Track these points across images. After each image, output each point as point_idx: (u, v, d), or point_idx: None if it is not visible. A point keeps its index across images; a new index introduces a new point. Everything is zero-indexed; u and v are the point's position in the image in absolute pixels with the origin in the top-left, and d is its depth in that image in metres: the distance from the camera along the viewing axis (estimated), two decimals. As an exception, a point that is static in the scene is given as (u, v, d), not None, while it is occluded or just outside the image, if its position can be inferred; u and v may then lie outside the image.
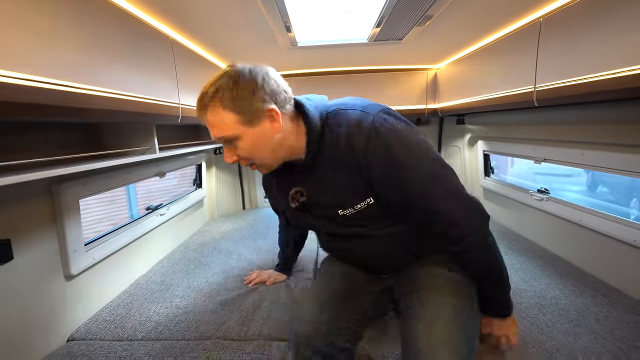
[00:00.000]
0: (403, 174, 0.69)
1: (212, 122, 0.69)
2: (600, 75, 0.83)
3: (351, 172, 0.73)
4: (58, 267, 1.01)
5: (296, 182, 0.83)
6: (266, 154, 0.73)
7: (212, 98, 0.67)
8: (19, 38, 0.56)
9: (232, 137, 0.69)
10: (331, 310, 0.83)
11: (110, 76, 0.78)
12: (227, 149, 0.73)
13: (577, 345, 0.88)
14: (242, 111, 0.67)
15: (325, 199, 0.79)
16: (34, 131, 0.90)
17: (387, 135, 0.68)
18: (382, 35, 1.30)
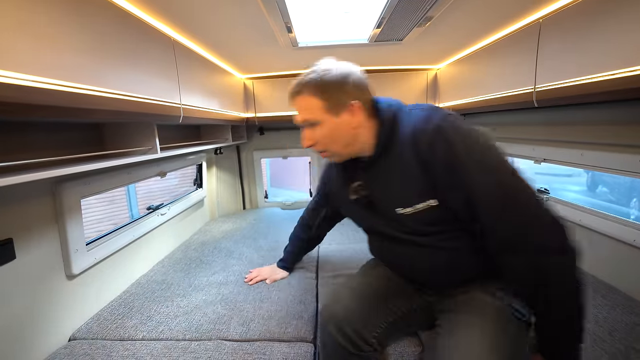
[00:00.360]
0: (466, 177, 0.65)
1: (300, 106, 0.78)
2: (600, 76, 0.84)
3: (416, 171, 0.73)
4: (60, 266, 1.01)
5: (359, 176, 0.86)
6: (340, 145, 0.79)
7: (304, 85, 0.76)
8: (22, 40, 0.56)
9: (314, 122, 0.77)
10: (365, 304, 0.84)
11: (113, 77, 0.79)
12: (306, 133, 0.80)
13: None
14: (328, 100, 0.75)
15: (386, 194, 0.80)
16: (36, 131, 0.91)
17: (450, 133, 0.67)
18: (383, 36, 1.31)
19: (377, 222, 0.86)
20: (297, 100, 0.79)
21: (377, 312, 0.84)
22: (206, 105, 1.40)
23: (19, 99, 0.55)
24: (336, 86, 0.75)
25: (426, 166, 0.70)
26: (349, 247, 1.67)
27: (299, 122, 0.80)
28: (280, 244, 1.75)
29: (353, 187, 0.86)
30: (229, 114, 1.71)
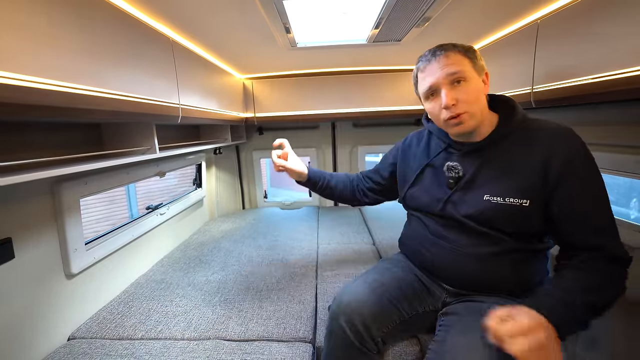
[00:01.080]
0: (576, 186, 0.72)
1: (451, 60, 0.78)
2: (598, 76, 0.84)
3: (531, 167, 0.74)
4: (59, 266, 1.01)
5: (452, 159, 0.87)
6: (481, 105, 0.79)
7: (455, 48, 0.79)
8: (21, 41, 0.56)
9: (464, 75, 0.77)
10: (378, 301, 0.84)
11: (111, 77, 0.79)
12: (449, 91, 0.77)
13: (574, 348, 0.88)
14: (475, 62, 0.79)
15: (483, 181, 0.81)
16: (35, 131, 0.91)
17: (582, 147, 0.72)
18: (381, 37, 1.31)
19: (446, 204, 0.86)
20: (447, 55, 0.78)
21: (389, 312, 0.84)
22: (205, 105, 1.41)
23: (18, 99, 0.56)
24: (477, 54, 0.80)
25: (546, 167, 0.73)
26: (348, 247, 1.67)
27: (445, 76, 0.77)
28: (279, 243, 1.76)
29: (449, 166, 0.87)
30: (228, 114, 1.71)
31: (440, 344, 0.69)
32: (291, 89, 2.06)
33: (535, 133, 0.76)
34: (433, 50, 0.81)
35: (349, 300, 0.84)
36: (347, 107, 2.08)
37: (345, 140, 2.55)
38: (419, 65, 0.84)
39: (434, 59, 0.79)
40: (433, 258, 0.89)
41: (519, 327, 0.56)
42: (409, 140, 1.06)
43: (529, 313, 0.59)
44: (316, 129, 2.53)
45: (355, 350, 0.79)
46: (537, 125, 0.77)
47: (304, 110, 2.07)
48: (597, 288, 0.68)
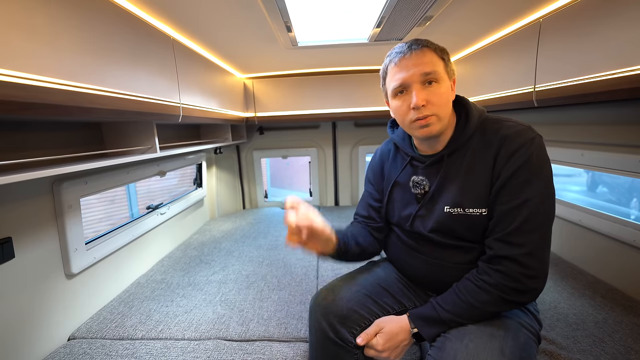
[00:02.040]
0: (524, 194, 0.68)
1: (428, 58, 0.74)
2: (600, 75, 0.84)
3: (482, 175, 0.73)
4: (59, 265, 1.01)
5: (418, 172, 0.85)
6: (447, 111, 0.76)
7: (431, 45, 0.76)
8: (23, 39, 0.56)
9: (437, 76, 0.74)
10: (354, 296, 0.84)
11: (113, 76, 0.79)
12: (420, 90, 0.74)
13: (576, 348, 0.88)
14: (447, 64, 0.77)
15: (446, 193, 0.79)
16: (36, 130, 0.91)
17: (539, 153, 0.69)
18: (383, 35, 1.30)
19: (414, 220, 0.85)
20: (422, 52, 0.74)
21: (367, 305, 0.83)
22: (206, 104, 1.40)
23: (18, 97, 0.55)
24: (449, 56, 0.78)
25: (492, 170, 0.71)
26: (348, 247, 1.67)
27: (420, 73, 0.74)
28: (280, 242, 1.76)
29: (415, 181, 0.85)
30: (228, 114, 1.71)
31: (439, 350, 0.69)
32: (292, 88, 2.05)
33: (490, 137, 0.74)
34: (409, 43, 0.76)
35: (325, 296, 0.85)
36: (348, 107, 2.07)
37: (346, 140, 2.54)
38: (392, 58, 0.78)
39: (409, 53, 0.74)
40: (413, 270, 0.90)
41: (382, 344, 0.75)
42: (379, 155, 1.01)
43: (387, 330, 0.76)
44: (317, 128, 2.53)
45: (333, 343, 0.79)
46: (493, 127, 0.75)
47: (304, 109, 2.07)
48: (483, 306, 0.70)
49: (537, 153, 0.69)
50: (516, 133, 0.71)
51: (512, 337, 0.67)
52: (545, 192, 0.68)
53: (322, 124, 2.52)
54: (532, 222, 0.67)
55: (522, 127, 0.72)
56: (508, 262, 0.68)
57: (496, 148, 0.71)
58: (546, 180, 0.69)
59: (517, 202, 0.68)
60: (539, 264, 0.68)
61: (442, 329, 0.72)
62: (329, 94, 2.06)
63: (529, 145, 0.69)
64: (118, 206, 4.02)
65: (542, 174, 0.69)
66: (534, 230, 0.67)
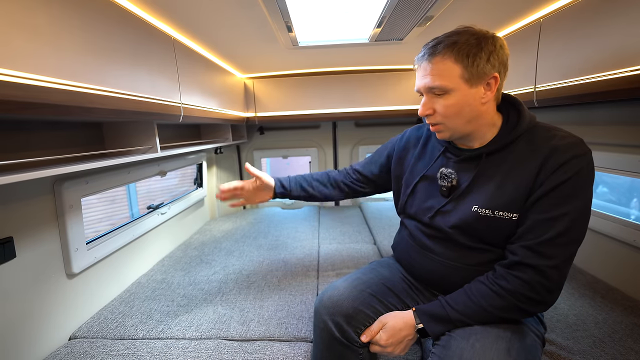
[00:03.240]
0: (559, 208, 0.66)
1: (434, 70, 0.69)
2: (601, 75, 0.84)
3: (524, 180, 0.69)
4: (60, 265, 1.01)
5: (448, 165, 0.82)
6: (463, 119, 0.73)
7: (448, 47, 0.67)
8: (23, 39, 0.56)
9: (445, 90, 0.69)
10: (359, 295, 0.84)
11: (114, 76, 0.79)
12: (428, 100, 0.73)
13: (576, 349, 0.88)
14: (471, 69, 0.68)
15: (477, 192, 0.76)
16: (37, 130, 0.91)
17: (588, 170, 0.66)
18: (383, 36, 1.31)
19: (436, 214, 0.83)
20: (432, 62, 0.70)
21: (371, 305, 0.83)
22: (206, 104, 1.40)
23: (19, 97, 0.55)
24: (484, 56, 0.68)
25: (535, 180, 0.68)
26: (349, 247, 1.67)
27: (424, 87, 0.72)
28: (280, 242, 1.76)
29: (443, 173, 0.82)
30: (229, 114, 1.71)
31: (443, 349, 0.69)
32: (292, 88, 2.05)
33: (539, 144, 0.70)
34: (427, 50, 0.71)
35: (330, 295, 0.85)
36: (349, 107, 2.07)
37: (347, 140, 2.54)
38: (415, 61, 0.77)
39: (421, 61, 0.73)
40: (421, 269, 0.89)
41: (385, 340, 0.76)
42: (406, 139, 0.99)
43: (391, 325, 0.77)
44: (317, 128, 2.53)
45: (338, 343, 0.79)
46: (544, 136, 0.71)
47: (305, 109, 2.07)
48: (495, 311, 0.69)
49: (586, 169, 0.66)
50: (568, 145, 0.67)
51: (518, 339, 0.67)
52: (584, 210, 0.66)
53: (323, 124, 2.52)
54: (566, 236, 0.65)
55: (574, 139, 0.68)
56: (532, 271, 0.67)
57: (544, 157, 0.68)
58: (587, 198, 0.67)
59: (556, 213, 0.66)
60: (560, 278, 0.67)
61: (448, 327, 0.72)
62: (329, 94, 2.06)
63: (579, 159, 0.65)
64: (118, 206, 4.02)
65: (586, 191, 0.66)
66: (566, 245, 0.66)
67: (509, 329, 0.69)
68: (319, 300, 0.86)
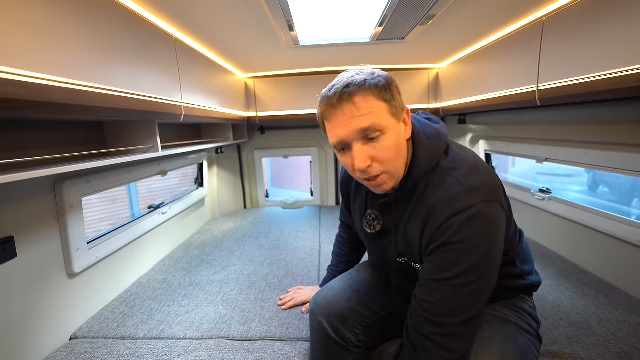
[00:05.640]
0: (444, 268, 0.61)
1: (361, 109, 0.61)
2: (605, 74, 0.83)
3: (417, 233, 0.67)
4: (61, 265, 1.01)
5: (375, 206, 0.78)
6: (402, 160, 0.65)
7: (364, 85, 0.61)
8: (23, 37, 0.56)
9: (379, 128, 0.61)
10: (353, 297, 0.83)
11: (115, 75, 0.79)
12: (360, 150, 0.62)
13: (579, 348, 0.88)
14: (392, 103, 0.63)
15: (394, 239, 0.75)
16: (38, 129, 0.90)
17: (474, 228, 0.58)
18: (385, 34, 1.30)
19: (390, 260, 0.82)
20: (355, 102, 0.60)
21: (367, 305, 0.83)
22: (207, 103, 1.40)
23: (19, 95, 0.55)
24: (395, 90, 0.64)
25: (426, 244, 0.65)
26: (350, 247, 1.66)
27: (355, 132, 0.61)
28: (281, 242, 1.75)
29: (367, 215, 0.80)
30: (230, 113, 1.71)
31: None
32: (293, 88, 2.05)
33: (426, 198, 0.65)
34: (338, 93, 0.61)
35: (326, 296, 0.85)
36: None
37: None
38: (323, 110, 0.65)
39: (339, 105, 0.61)
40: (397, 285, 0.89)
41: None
42: (344, 171, 0.96)
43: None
44: (318, 127, 2.52)
45: (334, 344, 0.78)
46: (435, 183, 0.65)
47: (306, 109, 2.06)
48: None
49: (471, 228, 0.58)
50: (449, 200, 0.60)
51: (511, 341, 0.67)
52: (470, 275, 0.58)
53: None
54: (442, 305, 0.60)
55: (459, 189, 0.60)
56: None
57: (425, 216, 0.64)
58: (476, 261, 0.58)
59: (438, 277, 0.61)
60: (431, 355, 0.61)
61: None
62: None
63: (460, 216, 0.58)
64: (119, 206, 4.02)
65: (473, 253, 0.58)
66: (443, 317, 0.60)
67: (500, 332, 0.69)
68: (314, 301, 0.86)
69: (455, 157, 0.67)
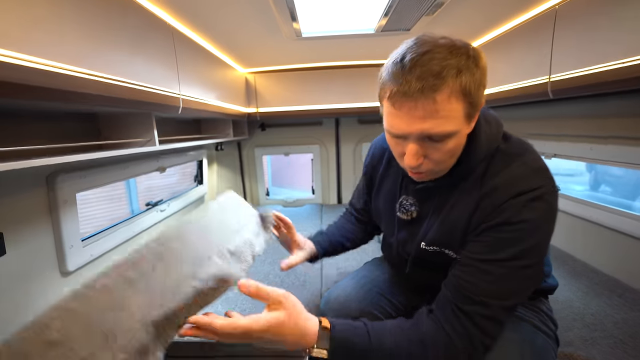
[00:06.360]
0: (488, 241, 0.57)
1: (439, 111, 0.50)
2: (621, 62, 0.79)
3: (460, 220, 0.62)
4: (54, 262, 0.97)
5: (409, 191, 0.72)
6: (454, 158, 0.60)
7: (455, 79, 0.49)
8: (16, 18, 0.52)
9: (449, 134, 0.53)
10: (367, 295, 0.80)
11: (109, 61, 0.75)
12: (419, 148, 0.56)
13: (595, 350, 0.84)
14: (474, 102, 0.52)
15: (426, 225, 0.69)
16: (29, 122, 0.86)
17: (537, 214, 0.54)
18: (390, 26, 1.26)
19: (400, 241, 0.77)
20: (436, 101, 0.50)
21: (380, 305, 0.80)
22: (206, 98, 1.36)
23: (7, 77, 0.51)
24: (484, 83, 0.54)
25: (474, 226, 0.59)
26: (353, 245, 1.62)
27: (420, 134, 0.54)
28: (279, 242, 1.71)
29: (402, 202, 0.74)
30: (230, 108, 1.67)
31: None
32: (295, 83, 2.01)
33: (485, 180, 0.60)
34: (423, 75, 0.49)
35: (337, 295, 0.81)
36: (353, 102, 2.03)
37: (350, 137, 2.50)
38: (390, 89, 0.53)
39: (415, 97, 0.50)
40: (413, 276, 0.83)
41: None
42: (371, 156, 0.88)
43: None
44: (320, 125, 2.49)
45: None
46: (496, 168, 0.59)
47: (307, 105, 2.03)
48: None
49: (535, 211, 0.54)
50: (511, 182, 0.56)
51: (528, 342, 0.63)
52: (522, 260, 0.55)
53: (325, 121, 2.48)
54: (493, 287, 0.56)
55: (528, 172, 0.56)
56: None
57: (481, 196, 0.59)
58: (526, 248, 0.54)
59: (486, 257, 0.56)
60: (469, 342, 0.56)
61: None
62: (332, 89, 2.02)
63: (526, 199, 0.54)
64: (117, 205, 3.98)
65: (532, 236, 0.54)
66: (489, 298, 0.56)
67: (517, 331, 0.65)
68: (325, 302, 0.82)
69: (518, 142, 0.63)
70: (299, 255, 0.84)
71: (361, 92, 2.01)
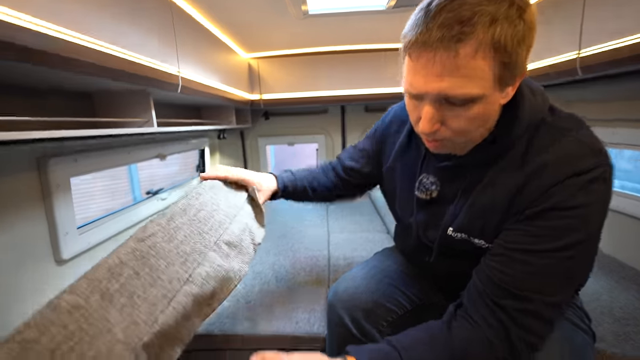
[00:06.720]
0: (530, 229, 0.49)
1: (460, 68, 0.42)
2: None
3: (498, 203, 0.53)
4: (48, 250, 0.91)
5: (429, 169, 0.64)
6: (481, 129, 0.51)
7: (487, 29, 0.40)
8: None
9: (471, 98, 0.45)
10: (379, 287, 0.74)
11: (102, 28, 0.68)
12: (435, 111, 0.48)
13: (629, 346, 0.78)
14: (510, 65, 0.43)
15: (452, 208, 0.61)
16: (20, 99, 0.80)
17: (588, 193, 0.46)
18: (403, 1, 1.18)
19: (420, 223, 0.69)
20: (459, 54, 0.42)
21: (393, 298, 0.74)
22: (208, 81, 1.29)
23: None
24: (529, 42, 0.44)
25: (515, 211, 0.52)
26: (361, 236, 1.56)
27: (436, 95, 0.46)
28: (287, 232, 1.66)
29: (422, 180, 0.66)
30: (232, 93, 1.60)
31: None
32: (299, 69, 1.94)
33: (530, 157, 0.51)
34: (447, 21, 0.41)
35: (346, 287, 0.75)
36: (359, 88, 1.95)
37: (356, 126, 2.42)
38: (410, 37, 0.45)
39: (434, 47, 0.42)
40: (424, 269, 0.77)
41: None
42: (388, 123, 0.80)
43: None
44: (325, 113, 2.41)
45: (357, 341, 0.69)
46: (543, 141, 0.51)
47: (312, 91, 1.95)
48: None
49: (594, 194, 0.46)
50: (565, 159, 0.47)
51: (568, 341, 0.57)
52: (582, 248, 0.48)
53: (331, 109, 2.40)
54: (537, 279, 0.49)
55: (585, 149, 0.48)
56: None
57: (526, 175, 0.50)
58: (588, 235, 0.47)
59: (529, 247, 0.49)
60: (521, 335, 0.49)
61: None
62: (338, 75, 1.94)
63: (584, 180, 0.46)
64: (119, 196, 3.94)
65: (589, 224, 0.47)
66: (534, 293, 0.49)
67: (556, 329, 0.57)
68: (333, 293, 0.76)
69: (567, 115, 0.53)
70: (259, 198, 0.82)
71: (368, 78, 1.93)
